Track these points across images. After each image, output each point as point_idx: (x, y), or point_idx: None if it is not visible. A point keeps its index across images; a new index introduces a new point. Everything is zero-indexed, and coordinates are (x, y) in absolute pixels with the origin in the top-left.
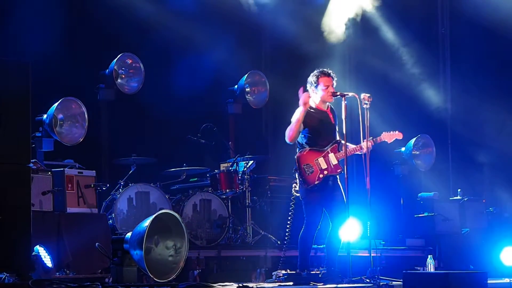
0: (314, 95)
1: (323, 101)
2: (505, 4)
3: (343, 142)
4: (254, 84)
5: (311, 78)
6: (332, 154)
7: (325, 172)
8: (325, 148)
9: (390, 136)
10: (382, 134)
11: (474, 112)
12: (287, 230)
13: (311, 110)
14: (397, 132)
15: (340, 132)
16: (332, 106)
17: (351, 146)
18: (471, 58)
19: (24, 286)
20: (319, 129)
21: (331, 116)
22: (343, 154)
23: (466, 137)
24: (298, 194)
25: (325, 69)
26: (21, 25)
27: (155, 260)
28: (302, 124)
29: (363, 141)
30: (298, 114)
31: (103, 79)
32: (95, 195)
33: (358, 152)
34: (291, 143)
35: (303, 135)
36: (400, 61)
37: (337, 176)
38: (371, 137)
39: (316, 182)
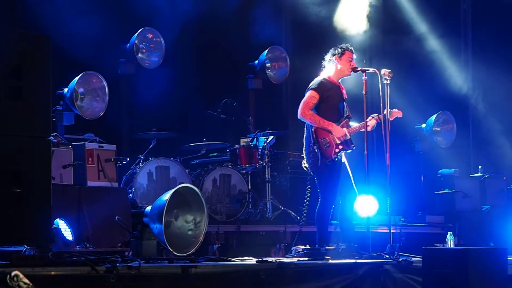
0: (331, 67)
1: (339, 74)
2: None
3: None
4: (274, 60)
5: (335, 50)
6: (345, 129)
7: (340, 147)
8: (338, 123)
9: (391, 114)
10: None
11: (495, 88)
12: (305, 205)
13: (326, 82)
14: (396, 109)
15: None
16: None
17: (355, 124)
18: (493, 34)
19: (44, 259)
20: (334, 102)
21: (343, 90)
22: (354, 129)
23: (487, 114)
24: (307, 169)
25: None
26: None
27: (175, 234)
28: (317, 95)
29: (368, 119)
30: (325, 126)
31: (124, 53)
32: (115, 169)
33: (362, 130)
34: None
35: (316, 108)
36: (422, 37)
37: (343, 153)
38: (376, 114)
39: (333, 157)
